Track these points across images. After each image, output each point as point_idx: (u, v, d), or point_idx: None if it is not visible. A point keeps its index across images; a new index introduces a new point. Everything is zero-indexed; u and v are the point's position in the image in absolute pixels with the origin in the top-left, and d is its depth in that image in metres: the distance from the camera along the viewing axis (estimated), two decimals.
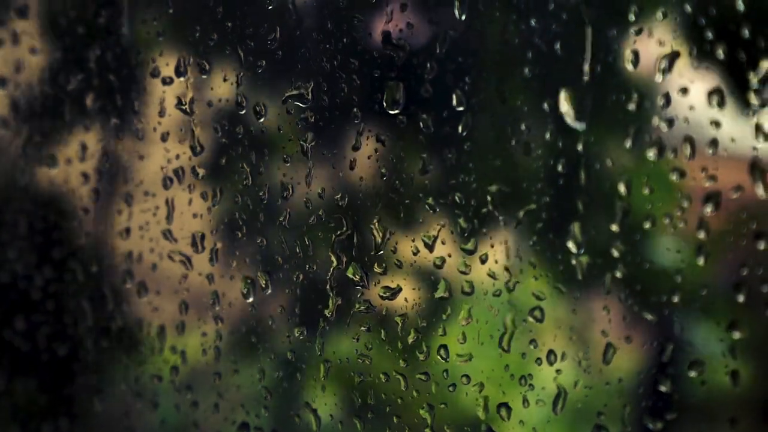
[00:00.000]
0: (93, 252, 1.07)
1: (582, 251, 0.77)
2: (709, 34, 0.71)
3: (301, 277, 0.90)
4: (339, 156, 0.87)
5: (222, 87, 0.93)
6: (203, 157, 0.95)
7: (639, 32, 0.74)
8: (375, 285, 0.86)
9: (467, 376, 0.82)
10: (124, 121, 1.02)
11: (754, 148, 0.69)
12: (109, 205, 1.05)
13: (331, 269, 0.88)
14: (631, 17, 0.74)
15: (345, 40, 0.85)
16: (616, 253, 0.76)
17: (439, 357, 0.83)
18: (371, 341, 0.87)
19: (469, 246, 0.81)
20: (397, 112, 0.83)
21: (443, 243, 0.83)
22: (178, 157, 0.97)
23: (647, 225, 0.75)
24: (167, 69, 0.96)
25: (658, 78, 0.73)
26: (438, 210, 0.83)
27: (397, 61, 0.82)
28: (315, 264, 0.89)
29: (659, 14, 0.73)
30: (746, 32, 0.69)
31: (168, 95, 0.96)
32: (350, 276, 0.87)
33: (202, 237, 0.96)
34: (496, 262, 0.81)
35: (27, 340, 1.12)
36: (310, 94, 0.87)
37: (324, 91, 0.86)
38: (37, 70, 1.09)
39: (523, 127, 0.79)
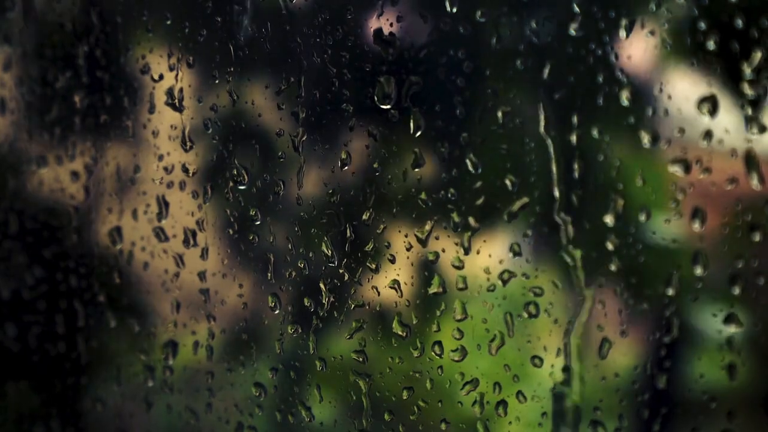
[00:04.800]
0: (84, 251, 1.06)
1: (576, 245, 0.76)
2: (702, 25, 0.70)
3: (293, 274, 0.89)
4: (330, 151, 0.86)
5: (212, 83, 0.92)
6: (193, 154, 0.95)
7: (631, 24, 0.73)
8: (368, 281, 0.85)
9: (462, 373, 0.82)
10: (114, 118, 1.02)
11: (748, 140, 0.69)
12: (100, 204, 1.04)
13: (324, 266, 0.87)
14: (622, 9, 0.73)
15: (336, 34, 0.85)
16: (610, 246, 0.75)
17: (433, 353, 0.83)
18: (365, 338, 0.86)
19: (463, 241, 0.81)
20: (388, 106, 0.82)
21: (437, 238, 0.82)
22: (168, 153, 0.96)
23: (642, 217, 0.74)
24: (157, 65, 0.96)
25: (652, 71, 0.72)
26: (431, 205, 0.82)
27: (388, 56, 0.82)
28: (308, 261, 0.89)
29: (652, 5, 0.72)
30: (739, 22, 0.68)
31: (158, 92, 0.96)
32: (343, 272, 0.86)
33: (194, 234, 0.95)
34: (490, 256, 0.80)
35: (18, 341, 1.11)
36: (301, 89, 0.87)
37: (315, 85, 0.86)
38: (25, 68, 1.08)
39: (517, 121, 0.79)
